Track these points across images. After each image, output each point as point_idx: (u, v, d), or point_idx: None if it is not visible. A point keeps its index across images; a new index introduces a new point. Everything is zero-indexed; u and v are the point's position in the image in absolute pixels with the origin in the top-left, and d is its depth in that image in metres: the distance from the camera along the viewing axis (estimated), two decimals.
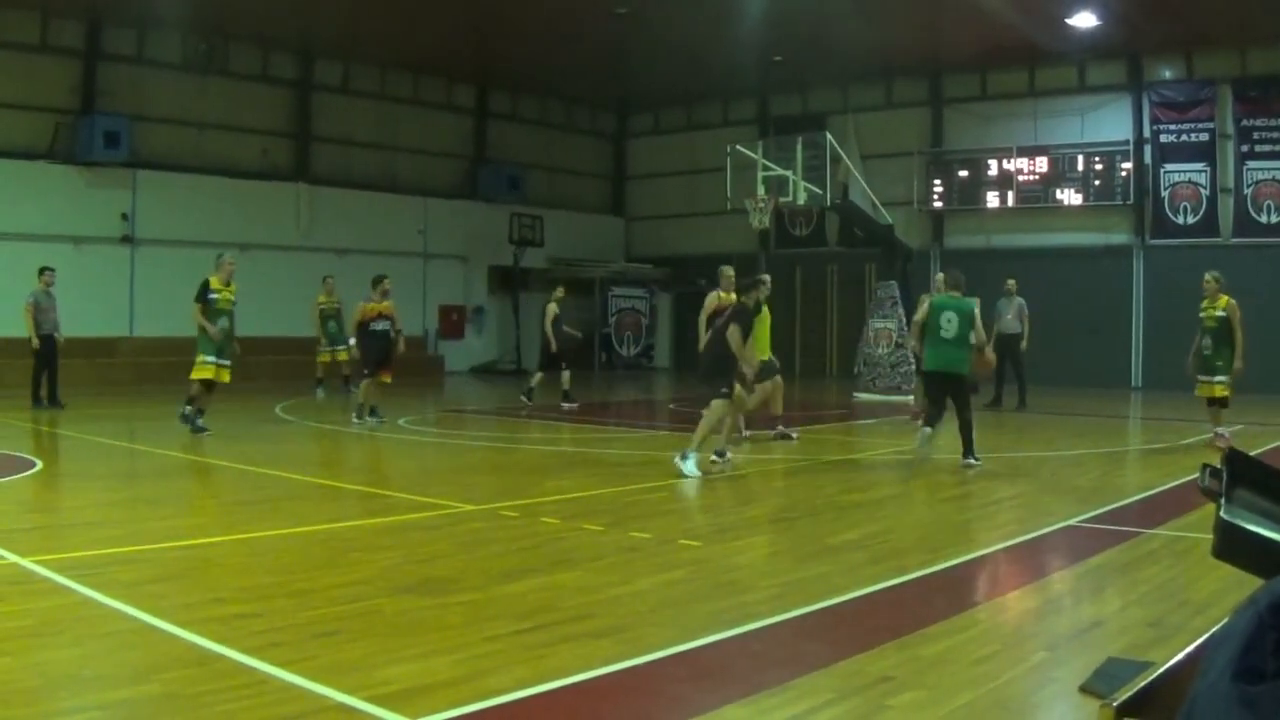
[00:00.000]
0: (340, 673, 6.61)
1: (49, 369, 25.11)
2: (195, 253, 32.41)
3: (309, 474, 15.65)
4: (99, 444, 19.56)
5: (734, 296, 21.36)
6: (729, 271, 22.41)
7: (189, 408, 20.40)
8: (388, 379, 22.82)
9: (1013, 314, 26.43)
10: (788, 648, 7.58)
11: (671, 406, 28.23)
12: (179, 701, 6.21)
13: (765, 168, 30.31)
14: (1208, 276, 19.73)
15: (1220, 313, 19.40)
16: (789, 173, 29.77)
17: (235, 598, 8.56)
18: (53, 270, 25.71)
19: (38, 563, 9.47)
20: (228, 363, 20.27)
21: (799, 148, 29.98)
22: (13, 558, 9.69)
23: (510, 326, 42.46)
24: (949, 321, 17.18)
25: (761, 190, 30.02)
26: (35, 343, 24.65)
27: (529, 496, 14.19)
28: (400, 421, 22.59)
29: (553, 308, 26.47)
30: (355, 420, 21.82)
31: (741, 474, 16.32)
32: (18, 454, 17.19)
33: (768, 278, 18.17)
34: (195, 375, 20.14)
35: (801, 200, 30.27)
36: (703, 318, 21.08)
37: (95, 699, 6.32)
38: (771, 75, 40.45)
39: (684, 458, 15.97)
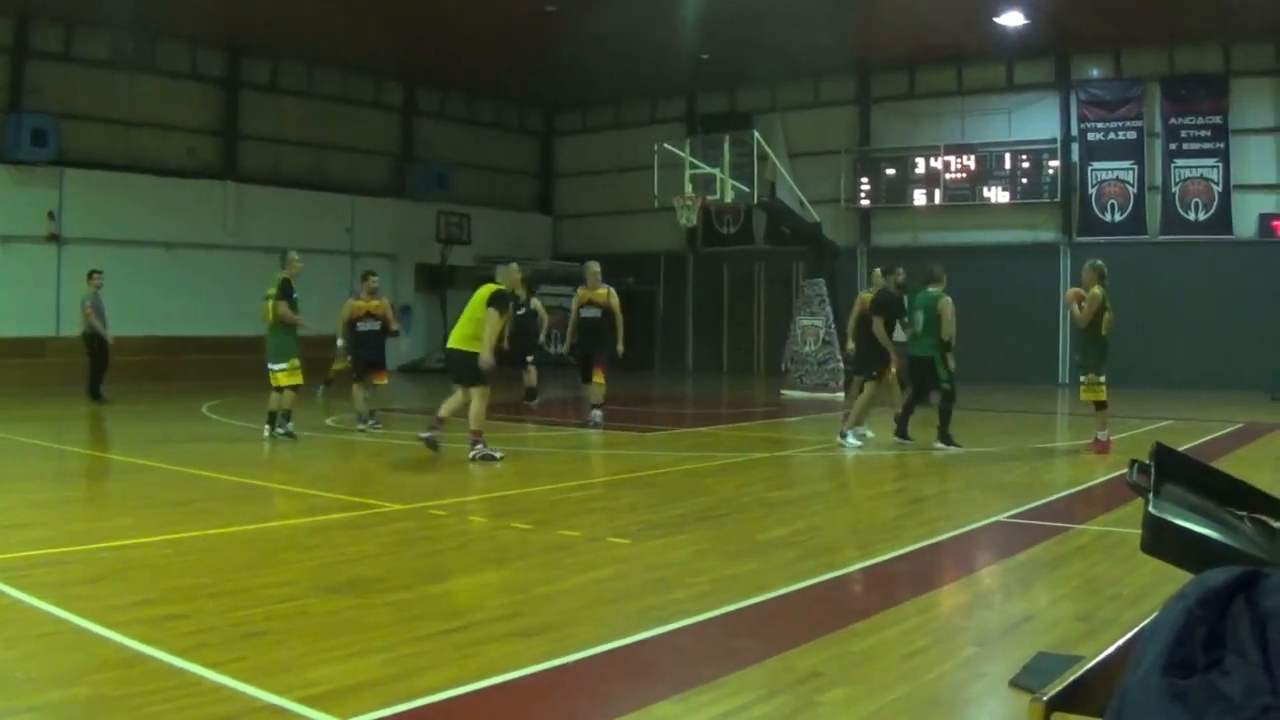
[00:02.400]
0: (270, 673, 6.59)
1: (101, 365, 26.45)
2: (122, 251, 32.33)
3: (237, 474, 15.56)
4: (26, 444, 19.45)
5: (600, 292, 21.46)
6: (595, 267, 22.36)
7: (288, 423, 19.83)
8: (382, 380, 22.76)
9: None
10: (717, 645, 7.60)
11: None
12: (109, 703, 6.18)
13: (693, 166, 30.39)
14: (1086, 265, 19.03)
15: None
16: (716, 171, 29.86)
17: (164, 599, 8.53)
18: (101, 273, 27.03)
19: None
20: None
21: (726, 146, 30.09)
22: None
23: (438, 325, 42.39)
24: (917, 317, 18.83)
25: (689, 188, 30.11)
26: (109, 338, 26.34)
27: (457, 495, 14.22)
28: (328, 421, 22.54)
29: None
30: (359, 427, 21.58)
31: (669, 471, 16.36)
32: None
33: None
34: (289, 381, 19.66)
35: (729, 198, 30.37)
36: (574, 310, 22.22)
37: (25, 702, 6.27)
38: (700, 74, 40.52)
39: (843, 436, 18.92)
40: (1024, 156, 36.88)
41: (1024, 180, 36.81)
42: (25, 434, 20.46)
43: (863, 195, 39.67)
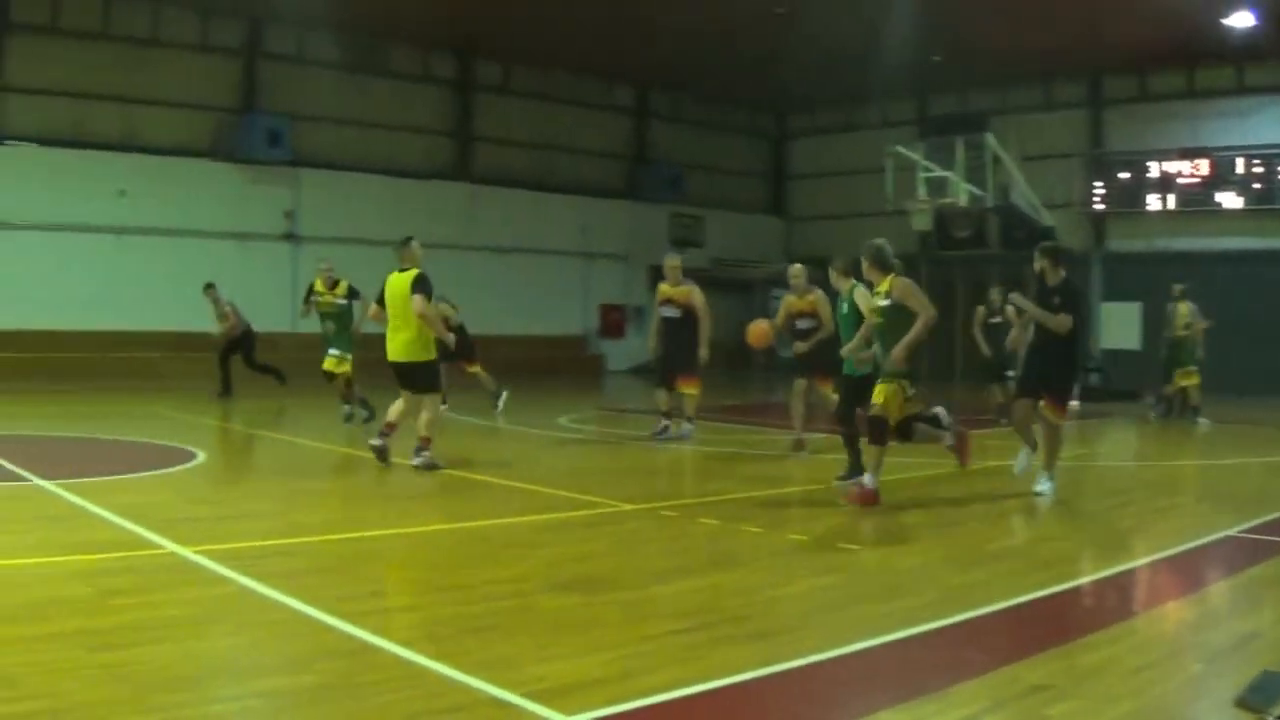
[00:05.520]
0: (496, 668, 6.64)
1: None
2: (358, 251, 32.80)
3: (467, 470, 15.67)
4: (260, 437, 19.80)
5: (681, 289, 19.88)
6: (673, 261, 20.72)
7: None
8: (473, 368, 24.00)
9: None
10: (944, 654, 7.53)
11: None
12: (335, 691, 6.30)
13: (925, 168, 30.11)
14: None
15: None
16: (950, 173, 29.54)
17: (393, 590, 8.68)
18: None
19: (199, 553, 9.64)
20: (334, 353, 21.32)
21: (960, 148, 29.77)
22: (174, 547, 9.87)
23: None
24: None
25: (922, 191, 29.82)
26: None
27: (688, 497, 14.20)
28: (561, 420, 22.63)
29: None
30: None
31: (897, 478, 16.15)
32: (180, 445, 17.45)
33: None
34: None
35: (963, 201, 30.02)
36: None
37: (253, 688, 6.46)
38: (930, 75, 40.13)
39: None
40: (1257, 161, 35.93)
41: (1256, 186, 35.88)
42: (259, 426, 20.83)
43: (1096, 199, 38.88)
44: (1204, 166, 36.84)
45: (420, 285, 15.56)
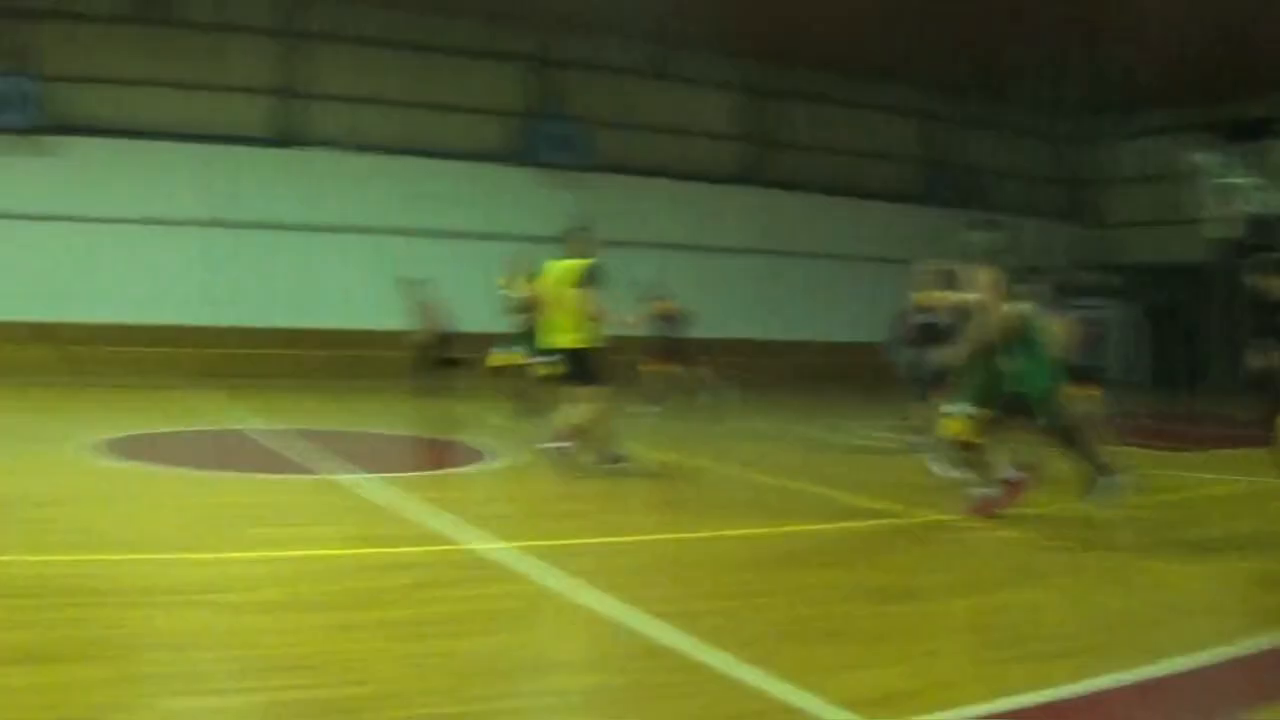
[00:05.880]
0: (802, 674, 6.58)
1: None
2: (651, 254, 33.12)
3: (775, 476, 15.72)
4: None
5: (932, 296, 18.45)
6: (924, 267, 19.27)
7: None
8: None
9: None
10: (1253, 678, 7.25)
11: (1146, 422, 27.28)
12: (640, 692, 6.33)
13: (1222, 174, 29.47)
14: None
15: None
16: (1247, 180, 28.88)
17: (700, 593, 8.71)
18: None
19: (509, 549, 9.84)
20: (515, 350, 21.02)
21: (1258, 155, 29.07)
22: (484, 543, 10.10)
23: None
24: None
25: (1220, 198, 29.18)
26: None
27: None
28: (861, 428, 22.64)
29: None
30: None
31: (1198, 494, 15.78)
32: (480, 444, 17.81)
33: None
34: None
35: (1263, 208, 29.31)
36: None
37: (554, 684, 6.54)
38: (1223, 80, 39.05)
39: None
40: None
41: None
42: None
43: None
44: None
45: (592, 278, 14.63)
